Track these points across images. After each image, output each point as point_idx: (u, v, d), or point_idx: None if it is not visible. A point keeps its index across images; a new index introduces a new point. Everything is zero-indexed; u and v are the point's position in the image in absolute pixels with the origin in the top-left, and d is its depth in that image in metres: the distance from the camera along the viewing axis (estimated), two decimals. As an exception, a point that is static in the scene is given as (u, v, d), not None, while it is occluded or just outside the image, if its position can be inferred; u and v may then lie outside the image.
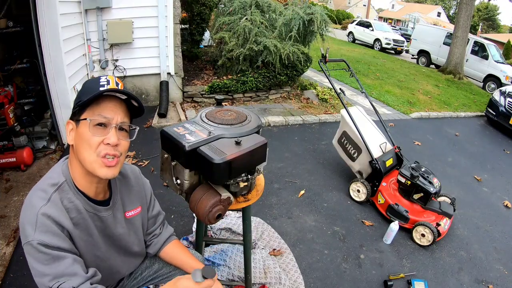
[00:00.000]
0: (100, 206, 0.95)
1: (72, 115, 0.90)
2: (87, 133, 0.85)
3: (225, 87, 4.54)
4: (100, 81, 0.89)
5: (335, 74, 7.29)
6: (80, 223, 0.89)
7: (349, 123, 2.90)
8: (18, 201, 2.36)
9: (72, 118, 0.90)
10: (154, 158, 3.14)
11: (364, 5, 38.68)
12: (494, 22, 42.03)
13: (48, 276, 0.77)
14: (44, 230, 0.79)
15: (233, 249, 2.06)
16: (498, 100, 5.96)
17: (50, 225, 0.80)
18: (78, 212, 0.89)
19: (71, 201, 0.87)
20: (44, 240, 0.78)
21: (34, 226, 0.78)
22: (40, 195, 0.84)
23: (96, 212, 0.94)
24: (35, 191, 0.86)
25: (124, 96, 0.90)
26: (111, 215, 0.99)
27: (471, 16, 9.50)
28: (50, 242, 0.78)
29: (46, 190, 0.85)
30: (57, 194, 0.85)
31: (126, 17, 3.84)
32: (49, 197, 0.84)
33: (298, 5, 5.21)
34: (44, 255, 0.78)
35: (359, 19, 19.36)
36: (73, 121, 0.89)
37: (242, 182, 1.17)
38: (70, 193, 0.88)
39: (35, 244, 0.77)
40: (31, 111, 3.02)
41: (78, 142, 0.87)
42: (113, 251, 1.02)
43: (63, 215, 0.84)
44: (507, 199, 3.42)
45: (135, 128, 0.95)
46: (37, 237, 0.77)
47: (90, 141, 0.85)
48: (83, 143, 0.86)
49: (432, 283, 2.16)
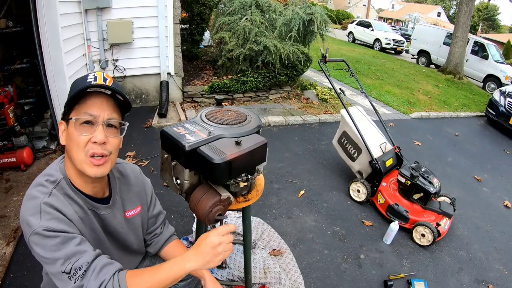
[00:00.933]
0: (99, 204, 0.95)
1: (62, 115, 0.89)
2: (74, 132, 0.84)
3: (225, 87, 4.54)
4: (88, 78, 0.86)
5: (335, 74, 7.29)
6: (83, 217, 0.89)
7: (349, 123, 2.90)
8: (18, 201, 2.36)
9: (63, 118, 0.89)
10: (154, 158, 3.14)
11: (364, 5, 38.69)
12: (494, 22, 42.04)
13: (60, 260, 0.76)
14: (49, 218, 0.78)
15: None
16: (498, 100, 5.96)
17: (55, 212, 0.79)
18: (79, 207, 0.89)
19: (70, 197, 0.87)
20: (50, 225, 0.77)
21: (38, 215, 0.78)
22: (40, 190, 0.83)
23: (95, 209, 0.94)
24: (34, 186, 0.85)
25: (109, 91, 0.87)
26: (111, 213, 0.99)
27: (471, 16, 9.50)
28: (56, 227, 0.78)
29: (46, 185, 0.84)
30: (56, 190, 0.85)
31: (126, 17, 3.84)
32: (50, 191, 0.83)
33: (298, 5, 5.21)
34: (51, 240, 0.76)
35: (359, 19, 19.37)
36: (64, 121, 0.88)
37: (242, 182, 1.17)
38: (69, 190, 0.88)
39: (41, 230, 0.76)
40: (31, 111, 3.02)
41: (68, 142, 0.87)
42: (113, 248, 1.03)
43: (66, 207, 0.84)
44: (507, 199, 3.42)
45: (124, 124, 0.92)
46: (43, 224, 0.76)
47: (77, 140, 0.84)
48: (72, 143, 0.85)
49: (432, 283, 2.16)
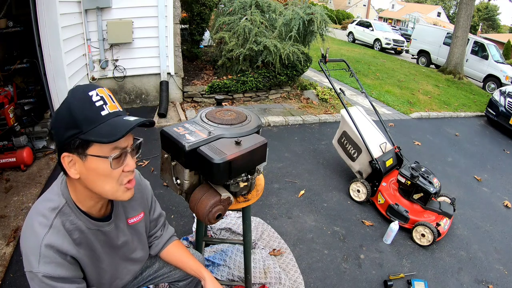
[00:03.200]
0: (103, 222, 0.94)
1: (67, 146, 0.78)
2: (108, 169, 0.79)
3: (225, 87, 4.54)
4: (96, 103, 0.77)
5: (335, 74, 7.29)
6: (82, 242, 0.89)
7: (349, 123, 2.90)
8: (18, 201, 2.36)
9: (68, 151, 0.78)
10: (154, 158, 3.14)
11: (364, 5, 38.70)
12: (494, 22, 42.05)
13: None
14: (48, 262, 0.80)
15: (233, 249, 2.06)
16: (498, 100, 5.96)
17: (54, 255, 0.81)
18: (80, 232, 0.88)
19: (73, 223, 0.86)
20: (48, 272, 0.79)
21: (37, 258, 0.79)
22: (41, 221, 0.82)
23: (99, 228, 0.93)
24: (36, 216, 0.84)
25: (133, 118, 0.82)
26: (113, 227, 0.98)
27: (471, 16, 9.49)
28: (54, 273, 0.80)
29: (47, 215, 0.83)
30: (58, 219, 0.83)
31: (126, 17, 3.84)
32: (51, 223, 0.82)
33: (298, 5, 5.21)
34: (47, 286, 0.80)
35: (359, 19, 19.35)
36: (73, 154, 0.78)
37: (242, 182, 1.17)
38: (72, 215, 0.86)
39: (40, 276, 0.79)
40: (31, 111, 3.02)
41: (92, 177, 0.81)
42: (117, 260, 1.02)
43: (66, 241, 0.84)
44: (507, 199, 3.42)
45: (140, 141, 0.89)
46: (41, 270, 0.79)
47: (111, 174, 0.81)
48: (100, 178, 0.81)
49: (432, 283, 2.17)
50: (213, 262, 1.96)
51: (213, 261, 1.96)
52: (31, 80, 3.22)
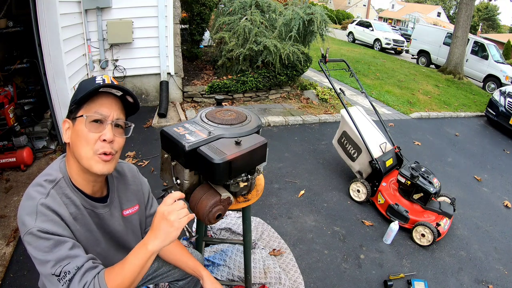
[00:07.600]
0: (97, 203, 0.97)
1: (68, 113, 0.92)
2: (84, 129, 0.87)
3: (225, 87, 4.54)
4: (96, 80, 0.90)
5: (335, 74, 7.29)
6: (79, 218, 0.90)
7: (349, 123, 2.90)
8: (18, 201, 2.36)
9: (68, 117, 0.91)
10: (154, 158, 3.14)
11: (364, 5, 38.68)
12: (494, 22, 42.04)
13: (51, 262, 0.78)
14: (44, 219, 0.80)
15: (233, 249, 2.06)
16: (498, 100, 5.97)
17: (50, 214, 0.82)
18: (76, 207, 0.90)
19: (68, 197, 0.89)
20: (44, 227, 0.79)
21: (34, 216, 0.80)
22: (38, 190, 0.85)
23: (93, 209, 0.95)
24: (33, 186, 0.87)
25: (119, 93, 0.92)
26: (108, 212, 1.00)
27: (471, 16, 9.49)
28: (50, 229, 0.80)
29: (44, 185, 0.86)
30: (54, 190, 0.86)
31: (126, 17, 3.84)
32: (48, 191, 0.85)
33: (298, 5, 5.21)
34: (45, 242, 0.78)
35: (359, 19, 19.35)
36: (70, 119, 0.91)
37: (242, 182, 1.17)
38: (67, 190, 0.90)
39: (35, 231, 0.78)
40: (31, 111, 3.02)
41: (75, 139, 0.89)
42: (112, 248, 1.03)
43: (62, 208, 0.86)
44: (507, 199, 3.42)
45: (130, 125, 0.96)
46: (37, 225, 0.78)
47: (87, 137, 0.87)
48: (80, 140, 0.87)
49: (432, 283, 2.17)
50: (213, 262, 1.96)
51: (213, 261, 1.96)
52: (31, 80, 3.22)
